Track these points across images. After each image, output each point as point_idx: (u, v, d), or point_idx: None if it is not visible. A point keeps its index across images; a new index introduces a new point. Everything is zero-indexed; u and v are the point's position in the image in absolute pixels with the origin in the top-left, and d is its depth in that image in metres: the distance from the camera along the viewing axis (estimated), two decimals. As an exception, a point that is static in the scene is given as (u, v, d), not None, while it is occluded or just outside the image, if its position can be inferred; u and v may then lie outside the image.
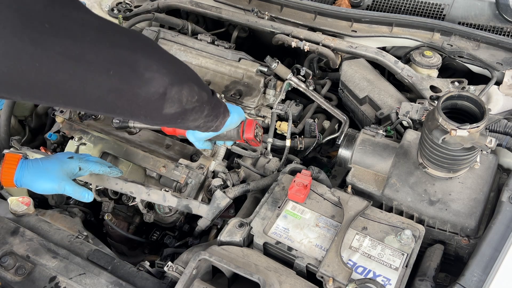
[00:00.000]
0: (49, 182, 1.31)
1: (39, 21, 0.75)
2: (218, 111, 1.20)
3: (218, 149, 1.67)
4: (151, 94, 0.93)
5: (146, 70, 0.90)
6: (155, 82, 0.92)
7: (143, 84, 0.91)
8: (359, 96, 1.81)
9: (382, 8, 2.11)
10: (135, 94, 0.91)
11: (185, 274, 1.14)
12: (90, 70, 0.83)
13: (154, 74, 0.92)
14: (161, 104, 0.96)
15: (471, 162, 1.32)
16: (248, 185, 1.50)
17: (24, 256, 1.30)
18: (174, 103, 0.98)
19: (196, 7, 2.13)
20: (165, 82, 0.94)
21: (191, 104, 1.03)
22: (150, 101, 0.94)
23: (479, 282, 1.16)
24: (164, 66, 0.94)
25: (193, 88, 1.03)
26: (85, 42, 0.81)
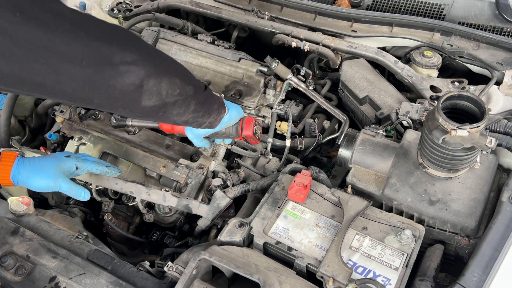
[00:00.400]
0: (45, 179, 1.31)
1: (9, 9, 0.74)
2: (211, 107, 1.18)
3: (218, 149, 1.67)
4: (127, 86, 0.92)
5: (121, 62, 0.90)
6: (130, 74, 0.91)
7: (117, 75, 0.90)
8: (359, 96, 1.81)
9: (382, 8, 2.11)
10: (110, 86, 0.90)
11: (185, 274, 1.14)
12: (63, 61, 0.82)
13: (130, 66, 0.91)
14: (138, 96, 0.95)
15: (471, 162, 1.32)
16: (248, 185, 1.50)
17: (24, 256, 1.30)
18: (153, 96, 0.97)
19: (196, 7, 2.13)
20: (141, 73, 0.93)
21: (172, 97, 1.02)
22: (126, 93, 0.93)
23: (479, 282, 1.16)
24: (141, 58, 0.93)
25: (175, 81, 1.01)
26: (57, 32, 0.80)
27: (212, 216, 1.45)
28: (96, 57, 0.86)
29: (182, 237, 1.62)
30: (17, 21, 0.75)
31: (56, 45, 0.80)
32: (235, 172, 1.63)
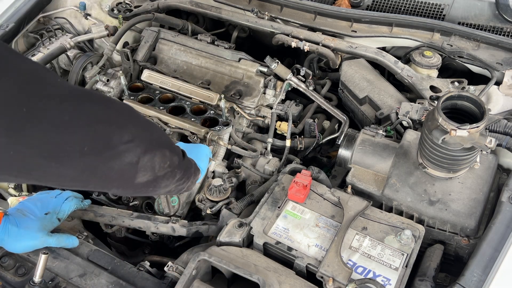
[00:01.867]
0: (31, 241, 1.29)
1: (17, 106, 0.72)
2: (189, 172, 1.16)
3: (218, 149, 1.67)
4: (124, 165, 0.90)
5: (120, 142, 0.88)
6: (129, 153, 0.90)
7: (117, 156, 0.88)
8: (359, 96, 1.81)
9: (382, 8, 2.11)
10: (109, 168, 0.88)
11: (184, 275, 1.14)
12: (66, 152, 0.80)
13: (128, 144, 0.89)
14: (133, 173, 0.93)
15: (471, 162, 1.32)
16: (252, 196, 1.50)
17: (24, 256, 1.30)
18: (147, 171, 0.96)
19: (196, 7, 2.13)
20: (137, 151, 0.91)
21: (163, 170, 1.00)
22: (123, 173, 0.91)
23: (479, 282, 1.16)
24: (138, 135, 0.92)
25: (165, 154, 1.00)
26: (62, 123, 0.78)
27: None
28: (97, 142, 0.85)
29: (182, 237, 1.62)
30: (22, 118, 0.73)
31: (60, 137, 0.79)
32: (235, 173, 1.63)
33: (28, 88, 0.74)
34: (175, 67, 1.97)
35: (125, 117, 0.93)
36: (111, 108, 0.91)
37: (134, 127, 0.93)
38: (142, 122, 1.00)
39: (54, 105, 0.77)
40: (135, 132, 0.92)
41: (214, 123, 1.71)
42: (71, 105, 0.80)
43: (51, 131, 0.77)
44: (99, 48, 2.15)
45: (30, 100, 0.74)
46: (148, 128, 1.00)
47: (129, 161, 0.90)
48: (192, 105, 1.77)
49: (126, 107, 0.98)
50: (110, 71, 1.95)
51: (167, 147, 1.02)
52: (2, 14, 2.02)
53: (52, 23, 2.17)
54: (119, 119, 0.90)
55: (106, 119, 0.87)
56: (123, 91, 1.82)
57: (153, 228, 1.47)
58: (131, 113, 0.97)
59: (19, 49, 2.09)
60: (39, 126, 0.75)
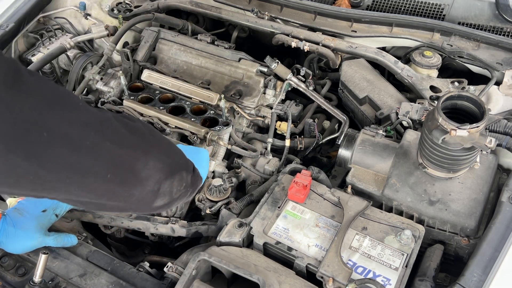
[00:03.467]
0: (29, 241, 1.29)
1: (37, 130, 0.71)
2: (197, 184, 1.15)
3: (218, 149, 1.67)
4: (146, 193, 0.89)
5: (144, 168, 0.86)
6: (151, 180, 0.88)
7: (139, 184, 0.86)
8: (359, 96, 1.81)
9: (382, 8, 2.11)
10: (130, 195, 0.87)
11: (184, 275, 1.14)
12: (87, 177, 0.78)
13: (151, 171, 0.87)
14: (153, 200, 0.92)
15: (471, 162, 1.32)
16: (252, 196, 1.50)
17: (24, 256, 1.30)
18: (166, 196, 0.94)
19: (196, 7, 2.13)
20: (160, 177, 0.90)
21: (179, 193, 0.99)
22: (142, 199, 0.90)
23: (479, 282, 1.16)
24: (160, 160, 0.90)
25: (182, 176, 0.99)
26: (83, 148, 0.76)
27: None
28: (121, 168, 0.83)
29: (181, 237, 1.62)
30: (44, 142, 0.72)
31: (81, 162, 0.77)
32: (235, 173, 1.63)
33: (50, 112, 0.73)
34: (175, 67, 1.97)
35: (149, 142, 0.91)
36: (135, 133, 0.88)
37: (158, 152, 0.91)
38: (165, 145, 0.98)
39: (76, 130, 0.76)
40: (159, 157, 0.90)
41: (214, 123, 1.71)
42: (92, 130, 0.78)
43: (71, 156, 0.75)
44: (99, 48, 2.15)
45: (52, 124, 0.73)
46: (169, 151, 0.98)
47: (150, 189, 0.89)
48: (192, 105, 1.77)
49: (149, 130, 0.96)
50: (110, 71, 1.95)
51: (184, 168, 1.01)
52: (2, 14, 2.02)
53: (52, 23, 2.17)
54: (144, 145, 0.88)
55: (130, 144, 0.85)
56: (123, 91, 1.82)
57: (152, 229, 1.47)
58: (154, 136, 0.96)
59: (19, 49, 2.09)
60: (59, 151, 0.74)
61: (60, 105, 0.75)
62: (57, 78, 2.11)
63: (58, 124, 0.74)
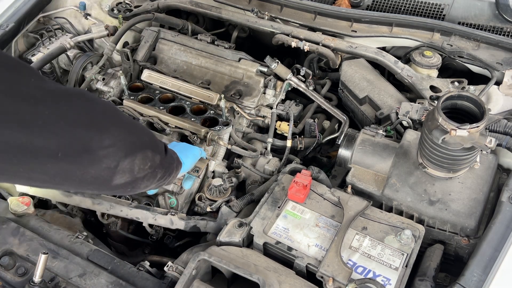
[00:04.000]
0: None
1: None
2: (171, 168, 1.12)
3: (218, 149, 1.67)
4: (102, 170, 0.86)
5: (99, 147, 0.83)
6: (108, 157, 0.85)
7: (95, 162, 0.84)
8: (359, 96, 1.81)
9: (382, 8, 2.11)
10: (84, 173, 0.84)
11: (184, 275, 1.14)
12: (38, 157, 0.75)
13: (108, 149, 0.85)
14: (110, 177, 0.89)
15: (471, 162, 1.32)
16: (252, 195, 1.50)
17: (24, 256, 1.30)
18: (125, 173, 0.91)
19: (196, 7, 2.13)
20: (118, 155, 0.87)
21: (143, 172, 0.96)
22: (99, 176, 0.87)
23: (479, 282, 1.16)
24: (120, 138, 0.88)
25: (147, 155, 0.96)
26: (35, 127, 0.72)
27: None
28: (73, 147, 0.79)
29: (182, 237, 1.62)
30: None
31: (32, 142, 0.73)
32: (235, 172, 1.63)
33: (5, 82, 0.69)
34: (175, 67, 1.97)
35: (108, 119, 0.88)
36: (93, 110, 0.85)
37: (117, 129, 0.88)
38: (126, 123, 0.95)
39: (27, 108, 0.72)
40: (118, 135, 0.87)
41: (214, 123, 1.71)
42: (47, 107, 0.75)
43: (21, 137, 0.71)
44: (99, 48, 2.15)
45: (1, 103, 0.69)
46: (132, 129, 0.95)
47: (106, 166, 0.86)
48: (192, 105, 1.77)
49: (110, 108, 0.93)
50: (110, 71, 1.95)
51: (150, 147, 0.98)
52: (2, 14, 2.02)
53: (52, 23, 2.17)
54: (102, 122, 0.85)
55: (86, 122, 0.82)
56: (123, 91, 1.82)
57: (151, 219, 1.46)
58: (114, 114, 0.92)
59: (19, 49, 2.09)
60: (8, 131, 0.70)
61: (11, 80, 0.71)
62: (57, 78, 2.11)
63: (8, 102, 0.70)
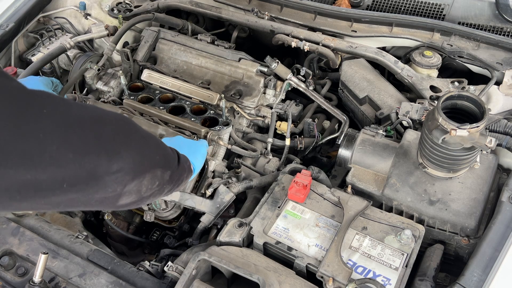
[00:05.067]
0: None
1: None
2: (181, 179, 1.08)
3: (218, 149, 1.67)
4: (107, 194, 0.83)
5: (107, 173, 0.80)
6: (115, 183, 0.82)
7: (101, 188, 0.80)
8: (359, 96, 1.81)
9: (382, 8, 2.11)
10: (89, 199, 0.81)
11: (184, 275, 1.14)
12: (41, 190, 0.72)
13: (116, 175, 0.81)
14: (116, 199, 0.86)
15: (471, 162, 1.32)
16: (251, 181, 1.50)
17: (24, 256, 1.30)
18: (132, 194, 0.88)
19: (196, 7, 2.13)
20: (125, 179, 0.84)
21: (150, 191, 0.93)
22: (104, 200, 0.84)
23: (479, 282, 1.16)
24: (128, 161, 0.84)
25: (156, 174, 0.93)
26: (41, 162, 0.70)
27: (216, 211, 1.44)
28: (80, 176, 0.76)
29: (182, 237, 1.62)
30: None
31: (36, 177, 0.70)
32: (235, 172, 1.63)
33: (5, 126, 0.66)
34: (175, 67, 1.97)
35: (118, 142, 0.84)
36: (103, 135, 0.81)
37: (127, 152, 0.84)
38: (137, 142, 0.90)
39: (34, 145, 0.69)
40: (127, 158, 0.83)
41: (214, 123, 1.71)
42: (56, 141, 0.72)
43: (26, 174, 0.69)
44: (99, 48, 2.15)
45: (6, 142, 0.66)
46: (143, 149, 0.91)
47: (112, 190, 0.83)
48: (192, 105, 1.76)
49: (122, 127, 0.88)
50: (110, 71, 1.95)
51: (160, 165, 0.95)
52: (2, 14, 2.02)
53: (52, 23, 2.17)
54: (111, 146, 0.82)
55: (95, 149, 0.78)
56: (123, 91, 1.82)
57: None
58: (126, 134, 0.88)
59: (19, 49, 2.09)
60: (13, 171, 0.67)
61: (19, 113, 0.68)
62: (57, 78, 2.11)
63: (14, 140, 0.67)
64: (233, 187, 1.46)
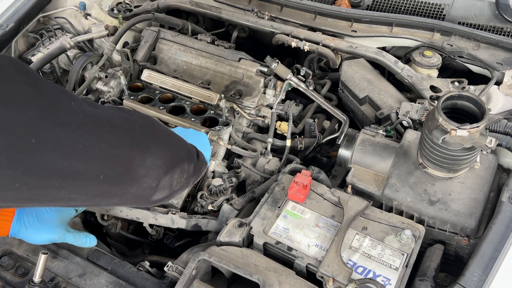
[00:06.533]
0: (48, 234, 1.26)
1: (24, 137, 0.67)
2: (201, 171, 1.11)
3: (218, 149, 1.67)
4: (143, 189, 0.86)
5: (140, 166, 0.83)
6: (149, 177, 0.85)
7: (135, 182, 0.84)
8: (359, 96, 1.81)
9: (382, 8, 2.11)
10: (125, 193, 0.84)
11: (184, 275, 1.14)
12: (79, 180, 0.75)
13: (149, 169, 0.85)
14: (151, 194, 0.89)
15: (471, 162, 1.32)
16: (254, 193, 1.49)
17: (24, 256, 1.30)
18: (165, 189, 0.92)
19: (196, 7, 2.12)
20: (159, 174, 0.87)
21: (180, 184, 0.96)
22: (139, 195, 0.87)
23: (479, 282, 1.16)
24: (160, 156, 0.87)
25: (184, 168, 0.96)
26: (75, 152, 0.73)
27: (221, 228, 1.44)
28: (114, 169, 0.80)
29: (182, 237, 1.62)
30: (32, 149, 0.68)
31: (72, 166, 0.73)
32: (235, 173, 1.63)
33: (40, 115, 0.69)
34: (175, 67, 1.97)
35: (147, 138, 0.87)
36: (133, 130, 0.85)
37: (157, 147, 0.88)
38: (164, 138, 0.94)
39: (67, 134, 0.72)
40: (158, 153, 0.87)
41: (214, 123, 1.71)
42: (87, 131, 0.75)
43: (62, 161, 0.72)
44: (99, 48, 2.15)
45: (41, 129, 0.69)
46: (170, 144, 0.95)
47: (147, 185, 0.86)
48: (192, 105, 1.76)
49: (149, 124, 0.92)
50: (110, 71, 1.95)
51: (186, 159, 0.98)
52: (2, 14, 2.02)
53: (52, 23, 2.17)
54: (141, 141, 0.85)
55: (127, 143, 0.82)
56: (123, 91, 1.82)
57: (152, 219, 1.45)
58: (153, 130, 0.92)
59: (19, 49, 2.09)
60: (49, 157, 0.70)
61: (51, 107, 0.71)
62: (57, 78, 2.11)
63: (47, 129, 0.70)
64: (237, 204, 1.46)
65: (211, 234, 1.49)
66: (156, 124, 0.96)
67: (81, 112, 0.76)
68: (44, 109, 0.71)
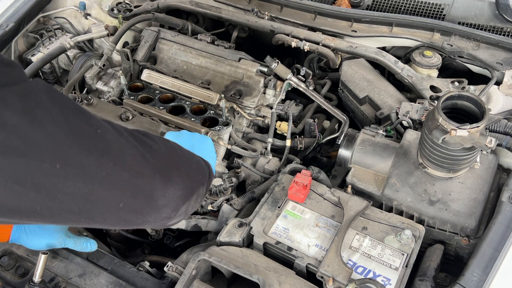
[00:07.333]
0: (48, 240, 1.26)
1: (50, 162, 0.67)
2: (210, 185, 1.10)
3: (218, 149, 1.67)
4: (161, 219, 0.87)
5: (162, 196, 0.83)
6: (168, 207, 0.86)
7: (155, 212, 0.84)
8: (359, 96, 1.81)
9: (382, 8, 2.11)
10: (143, 222, 0.84)
11: (184, 275, 1.14)
12: (99, 207, 0.75)
13: (170, 200, 0.85)
14: (168, 221, 0.90)
15: (471, 162, 1.32)
16: (253, 193, 1.50)
17: (24, 256, 1.30)
18: (181, 216, 0.92)
19: (196, 7, 2.12)
20: (178, 204, 0.88)
21: (193, 209, 0.97)
22: (156, 223, 0.88)
23: (479, 282, 1.16)
24: (181, 186, 0.87)
25: (200, 193, 0.96)
26: (98, 179, 0.73)
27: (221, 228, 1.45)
28: (135, 198, 0.79)
29: (182, 237, 1.62)
30: (56, 174, 0.68)
31: (94, 193, 0.73)
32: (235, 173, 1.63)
33: (66, 141, 0.69)
34: (175, 67, 1.97)
35: (170, 166, 0.87)
36: (157, 158, 0.84)
37: (178, 176, 0.88)
38: (185, 164, 0.94)
39: (91, 160, 0.72)
40: (179, 182, 0.87)
41: (214, 123, 1.71)
42: (112, 159, 0.75)
43: (84, 188, 0.72)
44: (99, 48, 2.15)
45: (67, 155, 0.69)
46: (189, 170, 0.95)
47: (166, 215, 0.87)
48: (192, 105, 1.76)
49: (172, 152, 0.92)
50: (110, 71, 1.95)
51: (202, 184, 0.98)
52: (2, 14, 2.02)
53: (52, 23, 2.17)
54: (164, 170, 0.85)
55: (150, 172, 0.81)
56: (123, 91, 1.82)
57: None
58: (175, 157, 0.92)
59: (19, 49, 2.09)
60: (72, 183, 0.70)
61: (78, 133, 0.71)
62: (57, 78, 2.11)
63: (73, 155, 0.70)
64: (236, 204, 1.46)
65: (211, 234, 1.49)
66: (178, 150, 0.95)
67: (106, 140, 0.76)
68: (71, 134, 0.70)
